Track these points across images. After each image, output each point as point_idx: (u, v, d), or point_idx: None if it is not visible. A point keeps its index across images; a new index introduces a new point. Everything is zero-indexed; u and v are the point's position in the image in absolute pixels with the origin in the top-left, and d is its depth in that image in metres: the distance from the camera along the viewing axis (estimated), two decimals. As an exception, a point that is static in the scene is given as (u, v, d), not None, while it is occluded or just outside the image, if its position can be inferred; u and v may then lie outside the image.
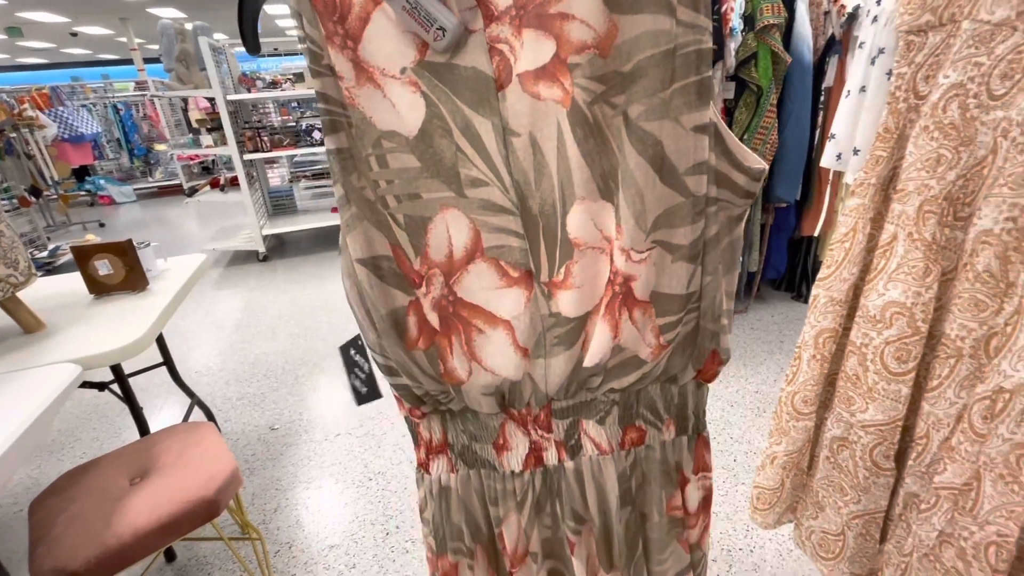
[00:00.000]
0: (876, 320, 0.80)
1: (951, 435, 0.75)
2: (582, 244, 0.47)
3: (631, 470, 0.59)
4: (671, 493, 0.61)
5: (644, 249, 0.46)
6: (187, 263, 1.65)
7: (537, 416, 0.56)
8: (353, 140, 0.46)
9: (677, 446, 0.60)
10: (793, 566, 1.30)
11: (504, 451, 0.58)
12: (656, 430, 0.59)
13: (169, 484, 1.09)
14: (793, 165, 2.24)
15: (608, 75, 0.41)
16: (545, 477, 0.59)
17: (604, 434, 0.57)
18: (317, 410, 2.06)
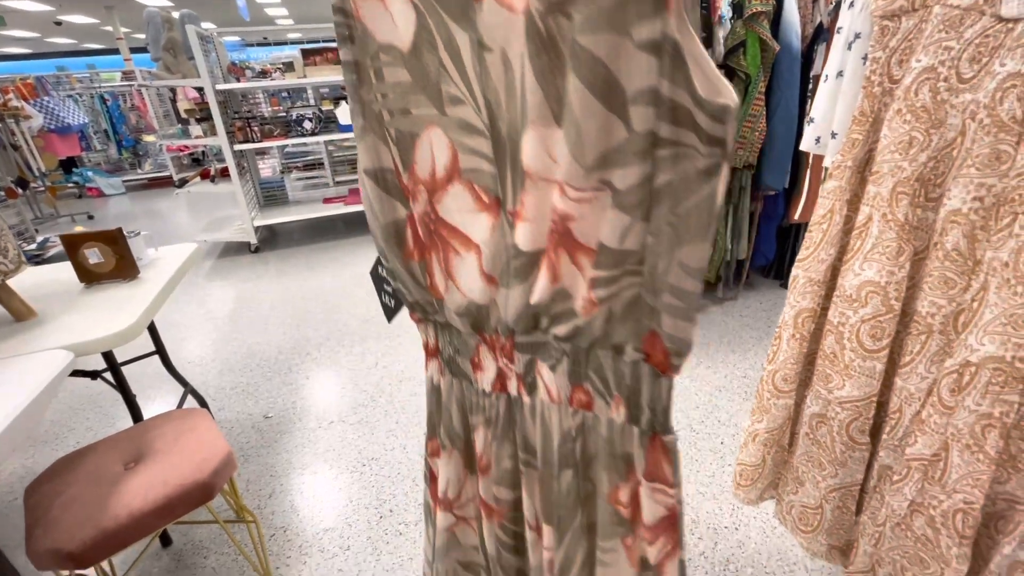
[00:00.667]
0: (852, 299, 0.82)
1: (922, 408, 0.78)
2: (532, 174, 0.43)
3: (576, 432, 0.57)
4: (615, 483, 0.57)
5: (586, 187, 0.41)
6: (178, 252, 1.65)
7: (503, 345, 0.55)
8: (358, 52, 0.47)
9: (626, 433, 0.55)
10: (777, 543, 1.34)
11: (479, 370, 0.59)
12: (604, 402, 0.55)
13: (164, 468, 1.11)
14: (782, 153, 2.26)
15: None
16: (508, 404, 0.59)
17: (555, 383, 0.55)
18: (311, 398, 2.07)
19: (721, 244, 2.45)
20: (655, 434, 0.54)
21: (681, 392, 1.98)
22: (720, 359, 2.18)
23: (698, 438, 1.73)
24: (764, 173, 2.32)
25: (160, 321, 2.82)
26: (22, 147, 4.75)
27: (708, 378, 2.05)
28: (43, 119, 5.24)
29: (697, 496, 1.50)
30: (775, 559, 1.30)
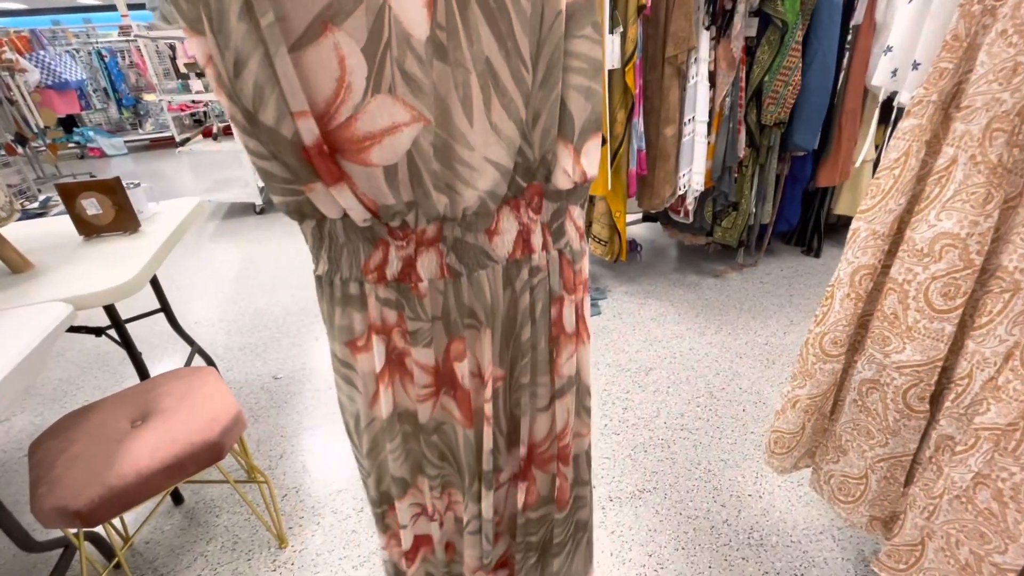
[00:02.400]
0: (923, 254, 0.74)
1: (998, 374, 0.71)
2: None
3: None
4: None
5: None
6: (180, 206, 1.58)
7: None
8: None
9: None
10: (803, 512, 1.30)
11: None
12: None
13: (172, 426, 1.06)
14: (815, 110, 2.13)
15: None
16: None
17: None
18: (320, 360, 2.03)
19: (745, 207, 2.35)
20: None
21: (702, 359, 1.92)
22: (741, 326, 2.11)
23: (719, 405, 1.68)
24: (794, 131, 2.19)
25: (166, 282, 2.76)
26: (19, 102, 4.62)
27: (729, 345, 1.99)
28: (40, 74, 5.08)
29: (719, 463, 1.46)
30: (801, 528, 1.26)
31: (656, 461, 1.48)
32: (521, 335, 0.62)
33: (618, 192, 2.16)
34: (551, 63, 0.50)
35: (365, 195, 0.48)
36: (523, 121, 0.51)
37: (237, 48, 0.40)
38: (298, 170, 0.46)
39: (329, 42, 0.41)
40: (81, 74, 5.77)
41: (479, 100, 0.48)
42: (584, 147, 0.56)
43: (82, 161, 6.26)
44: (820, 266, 2.60)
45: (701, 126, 2.04)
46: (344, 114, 0.44)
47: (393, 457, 0.63)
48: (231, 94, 0.42)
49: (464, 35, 0.46)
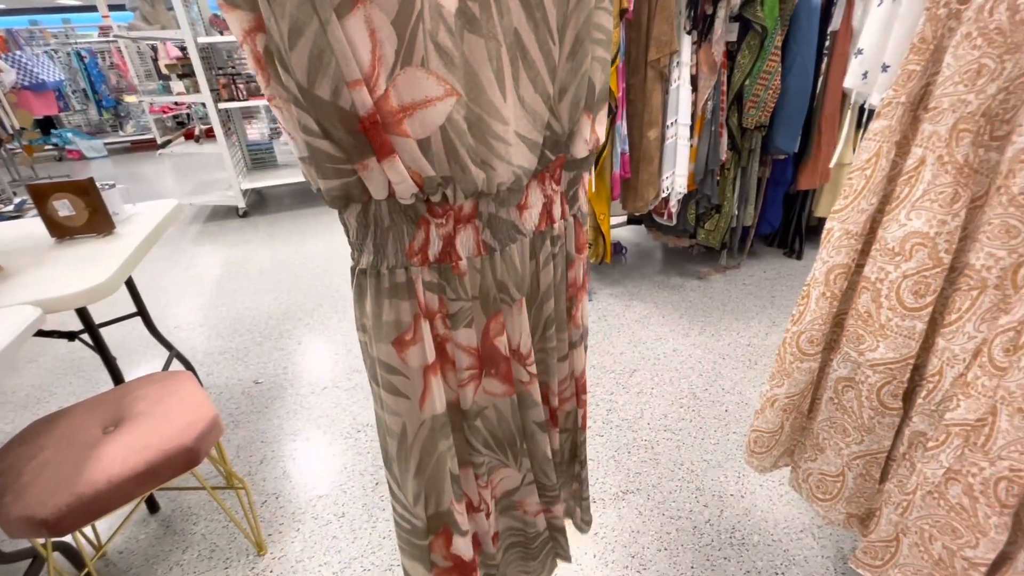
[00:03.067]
0: (895, 253, 0.75)
1: (967, 370, 0.72)
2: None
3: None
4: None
5: None
6: (158, 207, 1.55)
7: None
8: None
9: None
10: (784, 510, 1.31)
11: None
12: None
13: (145, 432, 1.04)
14: (795, 113, 2.16)
15: None
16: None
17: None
18: (303, 364, 2.01)
19: (728, 210, 2.37)
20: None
21: (685, 360, 1.93)
22: (724, 327, 2.13)
23: (702, 406, 1.69)
24: (775, 135, 2.22)
25: (145, 286, 2.72)
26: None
27: (711, 346, 2.01)
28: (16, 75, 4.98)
29: (702, 464, 1.47)
30: (782, 527, 1.27)
31: (639, 462, 1.48)
32: (544, 302, 0.65)
33: (602, 195, 2.17)
34: (580, 36, 0.51)
35: (410, 167, 0.47)
36: (550, 95, 0.52)
37: (292, 16, 0.39)
38: (351, 146, 0.45)
39: (361, 14, 0.40)
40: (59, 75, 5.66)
41: (509, 73, 0.48)
42: (598, 114, 0.57)
43: (60, 163, 6.13)
44: (802, 268, 2.63)
45: (684, 129, 2.06)
46: (381, 86, 0.43)
47: (452, 455, 0.64)
48: (286, 66, 0.41)
49: (495, 6, 0.46)
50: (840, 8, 2.07)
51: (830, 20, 2.13)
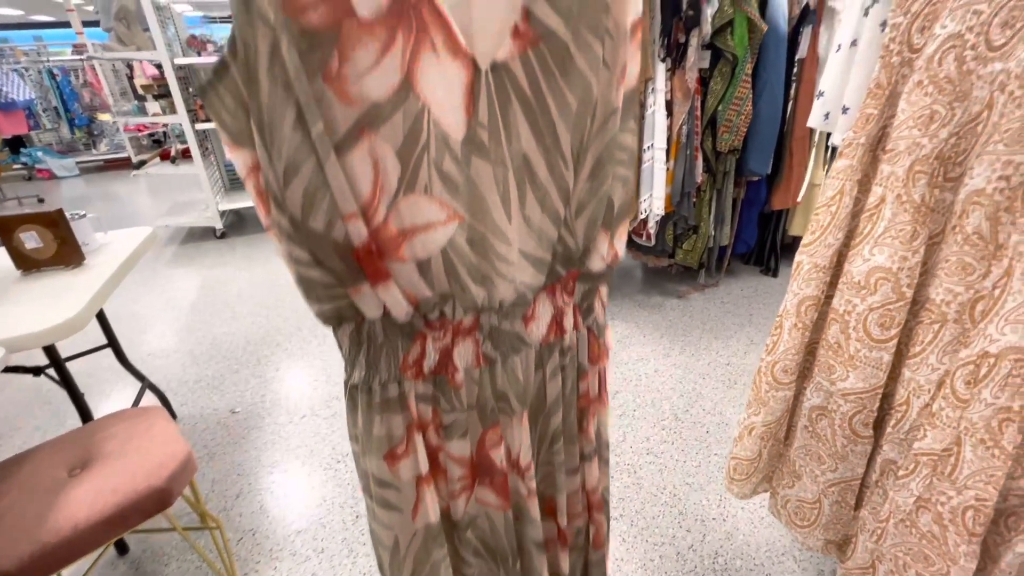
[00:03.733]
0: (860, 286, 0.78)
1: (932, 401, 0.74)
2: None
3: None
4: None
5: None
6: (131, 236, 1.52)
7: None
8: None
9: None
10: (766, 533, 1.32)
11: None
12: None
13: (113, 473, 1.00)
14: (766, 137, 2.23)
15: None
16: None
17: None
18: (281, 391, 1.97)
19: (705, 230, 2.42)
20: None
21: (666, 380, 1.95)
22: (703, 346, 2.16)
23: (683, 427, 1.70)
24: (748, 158, 2.28)
25: (117, 312, 2.65)
26: (-40, 123, 4.40)
27: (691, 366, 2.03)
28: (-16, 94, 4.86)
29: (684, 487, 1.47)
30: (763, 550, 1.28)
31: (623, 487, 1.48)
32: (552, 415, 0.62)
33: (582, 217, 2.19)
34: (601, 159, 0.50)
35: (406, 289, 0.47)
36: (559, 214, 0.51)
37: (289, 157, 0.40)
38: (344, 273, 0.45)
39: (365, 148, 0.41)
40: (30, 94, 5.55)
41: (516, 195, 0.48)
42: (618, 231, 0.56)
43: (29, 183, 5.97)
44: (778, 285, 2.69)
45: (660, 153, 2.11)
46: (380, 215, 0.44)
47: (446, 564, 0.61)
48: (279, 203, 0.42)
49: (504, 133, 0.46)
50: (806, 38, 2.16)
51: (797, 48, 2.21)
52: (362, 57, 0.39)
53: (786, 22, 2.09)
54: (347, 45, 0.39)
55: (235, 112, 0.40)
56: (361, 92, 0.40)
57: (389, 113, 0.41)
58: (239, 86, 0.40)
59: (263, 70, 0.38)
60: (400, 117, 0.41)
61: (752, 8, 1.96)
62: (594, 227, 0.54)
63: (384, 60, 0.40)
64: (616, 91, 0.48)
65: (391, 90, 0.41)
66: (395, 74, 0.40)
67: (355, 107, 0.40)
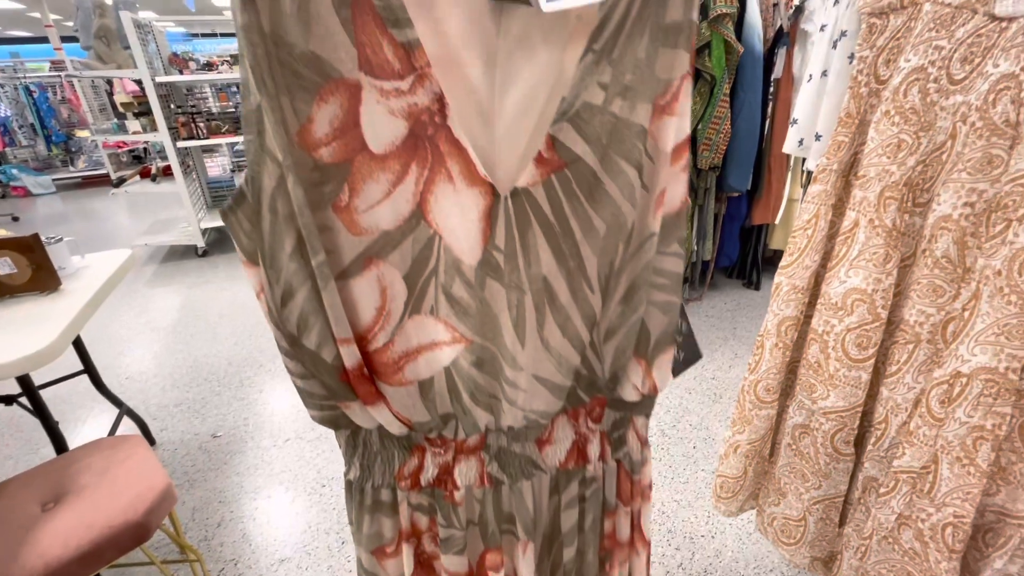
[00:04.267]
0: (837, 307, 0.80)
1: (909, 419, 0.76)
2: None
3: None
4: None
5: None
6: (109, 259, 1.49)
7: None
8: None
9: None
10: (754, 549, 1.33)
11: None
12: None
13: (89, 508, 0.97)
14: (745, 154, 2.28)
15: None
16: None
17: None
18: (264, 414, 1.93)
19: (688, 245, 2.46)
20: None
21: (652, 396, 1.95)
22: (689, 361, 2.17)
23: (670, 443, 1.71)
24: (728, 175, 2.33)
25: (94, 334, 2.58)
26: (-68, 141, 4.29)
27: (676, 380, 2.04)
28: (-43, 111, 4.76)
29: (672, 504, 1.47)
30: (752, 567, 1.28)
31: (611, 505, 1.48)
32: (566, 547, 0.58)
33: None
34: (636, 284, 0.47)
35: (400, 413, 0.47)
36: (582, 338, 0.48)
37: (286, 282, 0.41)
38: (336, 389, 0.45)
39: (372, 274, 0.41)
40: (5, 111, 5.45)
41: (532, 318, 0.45)
42: (657, 360, 0.51)
43: (3, 201, 5.84)
44: (760, 298, 2.74)
45: (642, 170, 2.14)
46: (382, 339, 0.44)
47: None
48: (277, 322, 0.43)
49: (523, 257, 0.43)
50: (781, 59, 2.23)
51: (773, 68, 2.28)
52: (373, 190, 0.39)
53: (761, 43, 2.16)
54: (358, 179, 0.39)
55: (251, 234, 0.41)
56: (370, 223, 0.40)
57: (398, 240, 0.41)
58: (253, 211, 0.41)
59: (265, 203, 0.39)
60: (409, 244, 0.41)
61: (728, 30, 2.02)
62: (624, 354, 0.50)
63: (395, 191, 0.40)
64: (654, 215, 0.45)
65: (401, 219, 0.40)
66: (406, 204, 0.40)
67: (364, 237, 0.40)
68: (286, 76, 0.35)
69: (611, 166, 0.42)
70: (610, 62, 0.40)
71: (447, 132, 0.39)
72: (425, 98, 0.38)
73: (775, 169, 2.45)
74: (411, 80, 0.37)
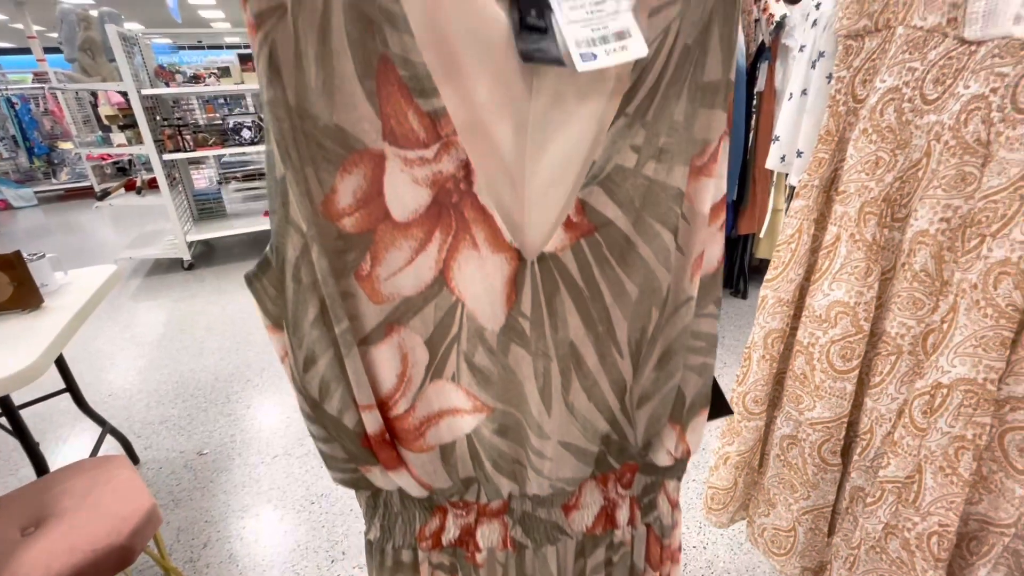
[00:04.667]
0: (822, 320, 0.81)
1: (893, 430, 0.77)
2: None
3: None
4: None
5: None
6: (93, 275, 1.47)
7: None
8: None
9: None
10: (745, 559, 1.33)
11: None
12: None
13: (70, 531, 0.95)
14: (730, 166, 2.32)
15: None
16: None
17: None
18: (252, 430, 1.90)
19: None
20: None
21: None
22: (678, 370, 2.19)
23: (662, 453, 1.71)
24: (714, 186, 2.36)
25: (76, 350, 2.54)
26: (-91, 155, 4.21)
27: (668, 390, 2.05)
28: (-64, 123, 4.68)
29: None
30: (744, 577, 1.29)
31: (603, 517, 1.47)
32: None
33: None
34: (672, 349, 0.46)
35: (421, 478, 0.46)
36: (610, 405, 0.46)
37: (309, 348, 0.41)
38: (357, 454, 0.45)
39: (394, 340, 0.41)
40: (-14, 123, 5.37)
41: (557, 383, 0.44)
42: (692, 423, 0.50)
43: (-17, 214, 5.73)
44: (747, 306, 2.77)
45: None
46: (403, 406, 0.43)
47: None
48: (299, 387, 0.42)
49: (549, 323, 0.42)
50: (763, 73, 2.28)
51: (755, 83, 2.33)
52: (396, 257, 0.39)
53: (744, 58, 2.21)
54: (381, 248, 0.38)
55: (276, 301, 0.41)
56: (392, 290, 0.40)
57: (420, 306, 0.41)
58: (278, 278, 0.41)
59: (289, 272, 0.39)
60: (431, 310, 0.41)
61: (711, 46, 2.06)
62: (659, 421, 0.49)
63: (418, 258, 0.39)
64: (691, 279, 0.44)
65: (424, 286, 0.40)
66: (429, 271, 0.40)
67: (385, 304, 0.40)
68: (311, 148, 0.35)
69: (645, 229, 0.41)
70: (643, 124, 0.39)
71: (473, 199, 0.38)
72: (450, 165, 0.37)
73: (760, 180, 2.50)
74: (436, 148, 0.37)
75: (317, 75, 0.33)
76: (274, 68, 0.33)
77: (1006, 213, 0.61)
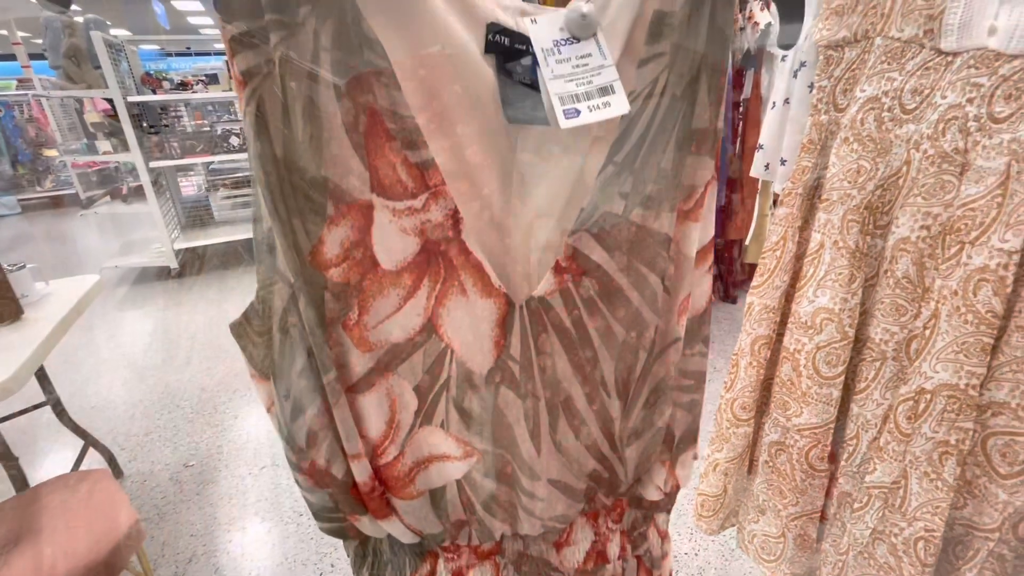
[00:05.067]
0: (807, 326, 0.82)
1: (879, 435, 0.78)
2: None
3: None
4: None
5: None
6: (75, 285, 1.45)
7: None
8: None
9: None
10: (736, 566, 1.33)
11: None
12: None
13: (51, 549, 0.93)
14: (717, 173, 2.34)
15: None
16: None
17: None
18: (240, 441, 1.88)
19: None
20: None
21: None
22: (669, 376, 2.20)
23: (653, 459, 1.71)
24: (702, 192, 2.38)
25: (58, 361, 2.49)
26: None
27: (659, 396, 2.06)
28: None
29: None
30: (735, 583, 1.29)
31: (595, 525, 1.47)
32: None
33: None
34: (658, 388, 0.47)
35: (411, 525, 0.46)
36: (598, 444, 0.47)
37: (296, 398, 0.40)
38: (346, 504, 0.44)
39: (383, 387, 0.41)
40: (-32, 130, 5.29)
41: (546, 424, 0.45)
42: (680, 458, 0.52)
43: (-35, 223, 5.63)
44: (737, 311, 2.79)
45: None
46: (392, 452, 0.43)
47: None
48: (286, 437, 0.42)
49: (538, 365, 0.43)
50: (749, 79, 2.31)
51: (742, 90, 2.36)
52: (383, 305, 0.39)
53: (729, 65, 2.23)
54: (369, 296, 0.38)
55: (262, 349, 0.41)
56: (381, 337, 0.40)
57: (408, 353, 0.41)
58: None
59: (276, 323, 0.39)
60: (420, 356, 0.41)
61: (698, 54, 2.09)
62: (648, 459, 0.50)
63: (406, 306, 0.40)
64: (678, 320, 0.45)
65: (413, 332, 0.40)
66: (417, 318, 0.40)
67: (374, 352, 0.40)
68: (298, 200, 0.35)
69: (633, 273, 0.42)
70: (631, 172, 0.39)
71: (461, 245, 0.39)
72: (439, 214, 0.38)
73: (747, 186, 2.52)
74: (424, 198, 0.37)
75: (304, 129, 0.33)
76: (261, 123, 0.33)
77: (984, 221, 0.62)
